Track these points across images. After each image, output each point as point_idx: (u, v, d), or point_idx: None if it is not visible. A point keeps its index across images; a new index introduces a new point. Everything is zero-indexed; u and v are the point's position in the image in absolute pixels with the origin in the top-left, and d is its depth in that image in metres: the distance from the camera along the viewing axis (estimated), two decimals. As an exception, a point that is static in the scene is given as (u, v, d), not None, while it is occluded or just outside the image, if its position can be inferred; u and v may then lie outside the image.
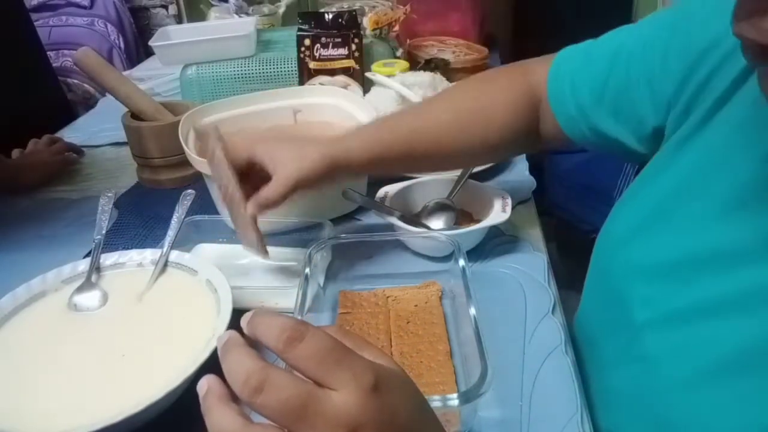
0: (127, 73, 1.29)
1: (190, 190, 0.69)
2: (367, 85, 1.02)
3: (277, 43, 1.14)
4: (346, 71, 1.04)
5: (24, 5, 1.44)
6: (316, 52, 1.04)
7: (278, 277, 0.67)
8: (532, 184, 0.84)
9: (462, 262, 0.57)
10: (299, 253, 0.68)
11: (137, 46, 2.30)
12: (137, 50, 2.29)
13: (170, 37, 1.12)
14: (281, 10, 1.41)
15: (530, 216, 0.77)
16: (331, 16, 1.05)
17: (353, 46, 1.03)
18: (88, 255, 0.63)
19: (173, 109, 0.93)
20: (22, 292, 0.57)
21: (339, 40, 1.03)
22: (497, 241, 0.71)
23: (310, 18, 1.05)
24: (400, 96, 0.91)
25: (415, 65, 1.08)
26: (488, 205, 0.70)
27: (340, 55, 1.04)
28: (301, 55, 1.04)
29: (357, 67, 1.04)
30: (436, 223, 0.72)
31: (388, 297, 0.62)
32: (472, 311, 0.51)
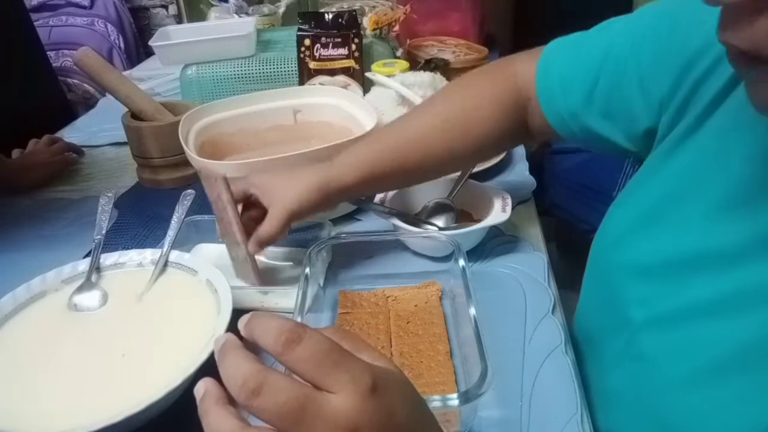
0: (127, 73, 1.29)
1: (190, 190, 0.69)
2: (367, 85, 1.02)
3: (277, 43, 1.14)
4: (346, 71, 1.04)
5: (24, 5, 1.44)
6: (316, 52, 1.04)
7: (278, 277, 0.67)
8: (532, 184, 0.84)
9: (462, 262, 0.57)
10: (299, 253, 0.68)
11: (137, 46, 2.31)
12: (137, 50, 2.30)
13: (170, 37, 1.12)
14: (281, 10, 1.41)
15: (530, 216, 0.77)
16: (331, 16, 1.05)
17: (353, 46, 1.03)
18: (88, 255, 0.63)
19: (173, 109, 0.93)
20: (22, 292, 0.57)
21: (339, 40, 1.03)
22: (497, 241, 0.71)
23: (310, 18, 1.05)
24: (400, 96, 0.91)
25: (415, 65, 1.08)
26: (488, 205, 0.70)
27: (340, 55, 1.04)
28: (301, 55, 1.04)
29: (357, 67, 1.04)
30: (436, 223, 0.72)
31: (388, 297, 0.62)
32: (472, 311, 0.51)
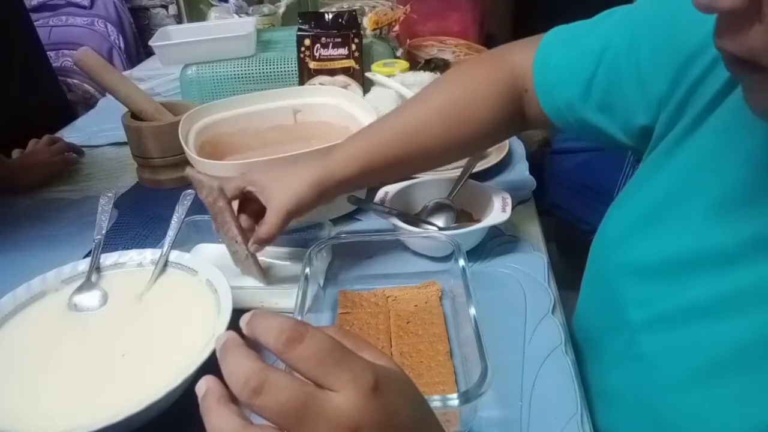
0: (127, 73, 1.29)
1: (190, 190, 0.69)
2: (367, 85, 1.02)
3: (277, 43, 1.14)
4: (346, 71, 1.04)
5: (24, 5, 1.44)
6: (316, 52, 1.04)
7: (278, 277, 0.67)
8: (532, 184, 0.84)
9: (462, 262, 0.57)
10: (299, 253, 0.68)
11: (137, 46, 2.31)
12: (137, 50, 2.30)
13: (170, 37, 1.12)
14: (281, 10, 1.41)
15: (530, 216, 0.77)
16: (331, 16, 1.05)
17: (353, 46, 1.03)
18: (88, 255, 0.63)
19: (173, 109, 0.93)
20: (22, 292, 0.57)
21: (339, 40, 1.03)
22: (497, 241, 0.71)
23: (310, 18, 1.05)
24: (400, 96, 0.91)
25: (415, 65, 1.08)
26: (488, 205, 0.70)
27: (340, 55, 1.04)
28: (301, 55, 1.04)
29: (357, 67, 1.04)
30: (436, 223, 0.72)
31: (388, 297, 0.62)
32: (472, 311, 0.51)
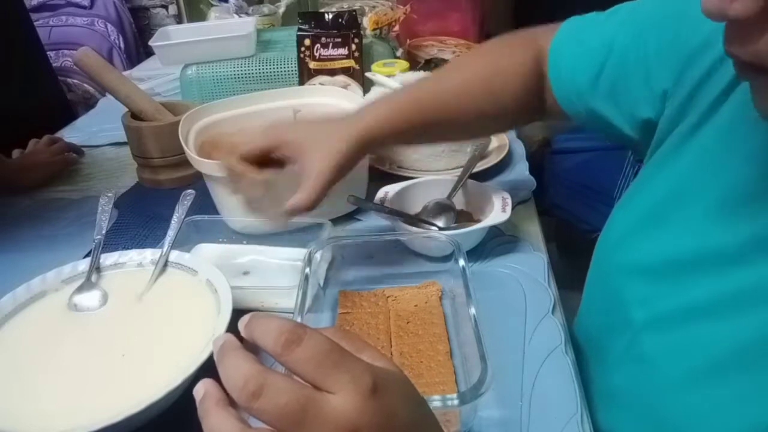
0: (127, 73, 1.29)
1: (190, 190, 0.69)
2: (367, 85, 1.02)
3: (277, 43, 1.14)
4: (346, 71, 1.04)
5: (24, 5, 1.44)
6: (316, 52, 1.04)
7: (278, 277, 0.67)
8: (532, 184, 0.84)
9: (462, 262, 0.57)
10: (299, 253, 0.68)
11: (137, 46, 2.31)
12: (137, 50, 2.30)
13: (170, 37, 1.12)
14: (281, 10, 1.41)
15: (530, 216, 0.77)
16: (331, 16, 1.05)
17: (353, 46, 1.03)
18: (88, 255, 0.62)
19: (173, 109, 0.93)
20: (22, 292, 0.57)
21: (339, 40, 1.03)
22: (497, 241, 0.71)
23: (310, 18, 1.05)
24: (400, 96, 0.91)
25: (415, 65, 1.08)
26: (488, 205, 0.70)
27: (340, 55, 1.04)
28: (301, 55, 1.04)
29: (357, 67, 1.04)
30: (436, 223, 0.72)
31: (388, 297, 0.62)
32: (472, 311, 0.51)
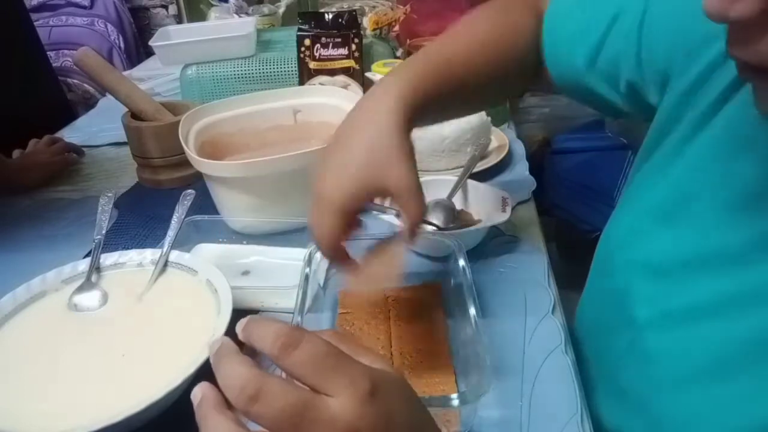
0: (127, 73, 1.29)
1: (190, 190, 0.69)
2: (367, 85, 1.02)
3: (277, 43, 1.14)
4: (346, 71, 1.04)
5: (24, 5, 1.44)
6: (316, 52, 1.04)
7: (278, 277, 0.67)
8: (532, 184, 0.84)
9: (462, 262, 0.57)
10: (299, 253, 0.68)
11: (137, 46, 2.31)
12: (137, 50, 2.30)
13: (170, 37, 1.12)
14: (281, 10, 1.41)
15: (530, 216, 0.77)
16: (331, 16, 1.05)
17: (353, 46, 1.03)
18: (88, 255, 0.62)
19: (173, 109, 0.93)
20: (22, 292, 0.57)
21: (339, 40, 1.03)
22: (497, 241, 0.71)
23: (310, 18, 1.05)
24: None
25: (415, 65, 1.08)
26: (488, 205, 0.70)
27: (340, 55, 1.04)
28: (301, 55, 1.04)
29: (357, 67, 1.04)
30: (436, 223, 0.72)
31: (388, 297, 0.62)
32: (472, 311, 0.50)
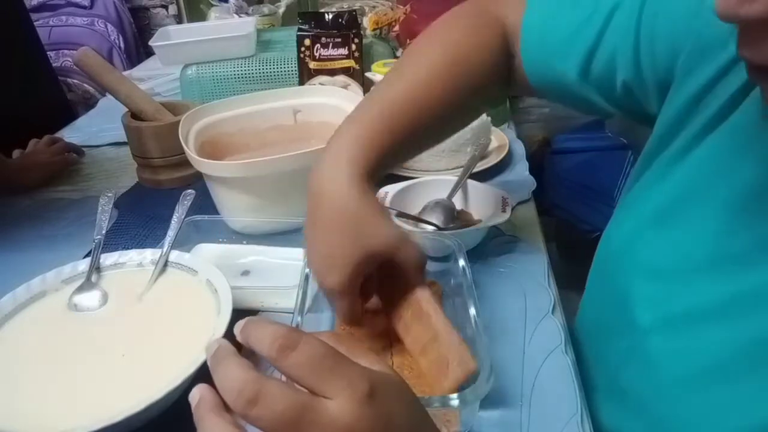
0: (127, 73, 1.29)
1: (190, 190, 0.69)
2: (367, 85, 1.02)
3: (277, 43, 1.14)
4: (346, 71, 1.04)
5: (24, 5, 1.44)
6: (316, 52, 1.04)
7: (278, 277, 0.67)
8: (532, 184, 0.84)
9: (462, 262, 0.57)
10: (299, 253, 0.68)
11: (137, 46, 2.31)
12: (137, 50, 2.30)
13: (170, 37, 1.12)
14: (281, 10, 1.41)
15: (530, 216, 0.77)
16: (331, 16, 1.05)
17: (353, 46, 1.03)
18: (88, 255, 0.62)
19: (173, 109, 0.93)
20: (22, 292, 0.57)
21: (339, 40, 1.03)
22: (497, 241, 0.71)
23: (310, 18, 1.06)
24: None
25: (415, 65, 1.08)
26: (488, 205, 0.70)
27: (340, 55, 1.04)
28: (301, 55, 1.04)
29: (357, 67, 1.04)
30: (436, 223, 0.72)
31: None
32: (472, 311, 0.50)
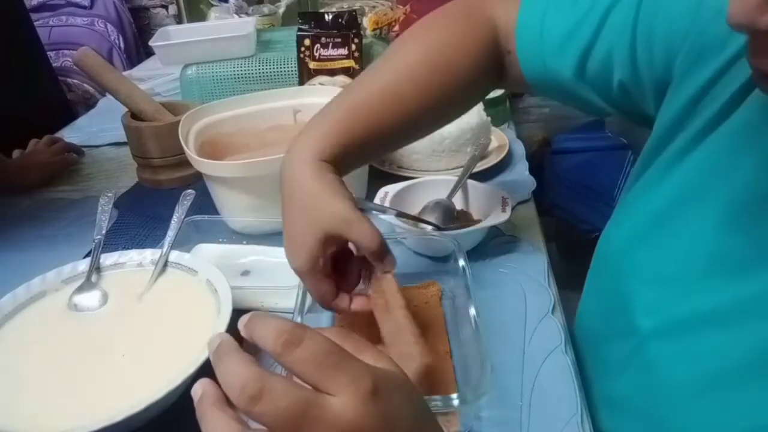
0: (127, 73, 1.29)
1: (190, 190, 0.69)
2: (367, 85, 1.02)
3: (277, 43, 1.14)
4: (346, 71, 1.04)
5: (24, 5, 1.44)
6: (316, 52, 1.04)
7: (278, 277, 0.67)
8: (532, 184, 0.84)
9: (462, 262, 0.57)
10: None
11: (137, 46, 2.31)
12: (137, 50, 2.30)
13: (170, 37, 1.12)
14: (281, 10, 1.41)
15: (530, 216, 0.77)
16: (331, 16, 1.05)
17: (353, 46, 1.03)
18: (88, 255, 0.62)
19: (173, 109, 0.93)
20: (22, 292, 0.57)
21: (339, 40, 1.03)
22: (497, 241, 0.71)
23: (310, 18, 1.06)
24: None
25: (415, 65, 1.08)
26: (488, 205, 0.70)
27: (340, 55, 1.04)
28: (301, 55, 1.04)
29: (357, 67, 1.04)
30: (436, 223, 0.72)
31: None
32: (472, 311, 0.51)
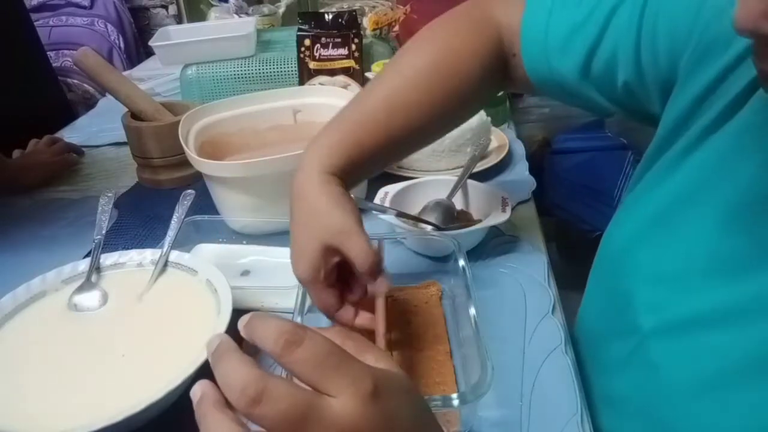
0: (127, 73, 1.29)
1: (190, 190, 0.69)
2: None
3: (277, 43, 1.15)
4: (346, 71, 1.04)
5: (24, 5, 1.44)
6: (316, 52, 1.04)
7: (278, 277, 0.67)
8: (532, 184, 0.84)
9: (462, 262, 0.57)
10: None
11: (137, 46, 2.31)
12: (137, 50, 2.30)
13: (170, 37, 1.12)
14: (281, 10, 1.41)
15: (530, 216, 0.77)
16: (331, 17, 1.05)
17: (353, 46, 1.03)
18: (88, 255, 0.62)
19: (173, 109, 0.93)
20: (22, 292, 0.57)
21: (339, 40, 1.03)
22: (497, 241, 0.71)
23: (310, 18, 1.06)
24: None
25: (415, 65, 1.08)
26: (488, 205, 0.70)
27: (340, 55, 1.04)
28: (301, 55, 1.04)
29: (357, 67, 1.04)
30: (436, 223, 0.72)
31: (388, 297, 0.62)
32: (472, 311, 0.51)
